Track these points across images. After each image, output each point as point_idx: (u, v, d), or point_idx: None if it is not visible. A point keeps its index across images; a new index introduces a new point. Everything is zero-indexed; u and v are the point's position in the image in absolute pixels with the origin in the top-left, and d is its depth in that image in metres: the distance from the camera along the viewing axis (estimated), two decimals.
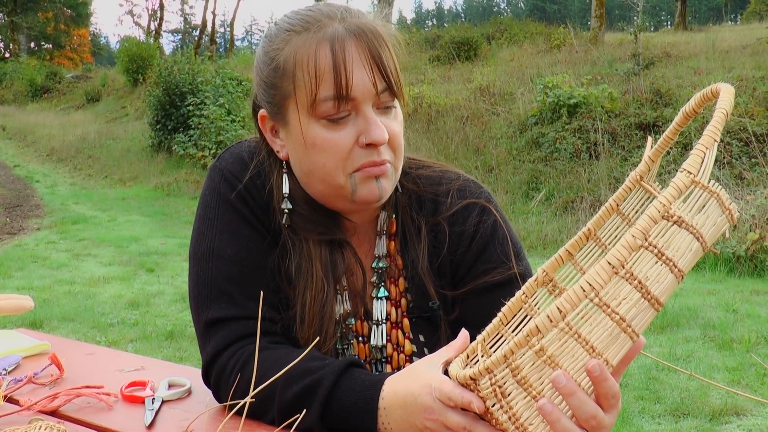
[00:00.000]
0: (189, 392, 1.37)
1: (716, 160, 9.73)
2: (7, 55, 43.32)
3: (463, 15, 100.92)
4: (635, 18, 16.52)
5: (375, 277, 1.37)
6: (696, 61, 14.28)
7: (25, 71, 33.13)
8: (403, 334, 1.35)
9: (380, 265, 1.37)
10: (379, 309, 1.35)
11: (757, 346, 4.99)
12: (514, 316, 1.13)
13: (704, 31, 21.31)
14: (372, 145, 1.23)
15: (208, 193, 1.36)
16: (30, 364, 1.53)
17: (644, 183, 1.14)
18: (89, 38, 56.92)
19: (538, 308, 1.14)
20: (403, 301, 1.36)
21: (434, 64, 18.99)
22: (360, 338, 1.36)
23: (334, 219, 1.36)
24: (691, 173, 0.89)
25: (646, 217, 0.87)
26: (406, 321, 1.36)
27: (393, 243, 1.38)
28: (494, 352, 1.13)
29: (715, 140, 0.89)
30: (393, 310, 1.36)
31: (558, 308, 0.86)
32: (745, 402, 4.02)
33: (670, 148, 10.43)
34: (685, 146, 10.16)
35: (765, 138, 9.99)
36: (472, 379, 0.93)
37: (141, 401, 1.31)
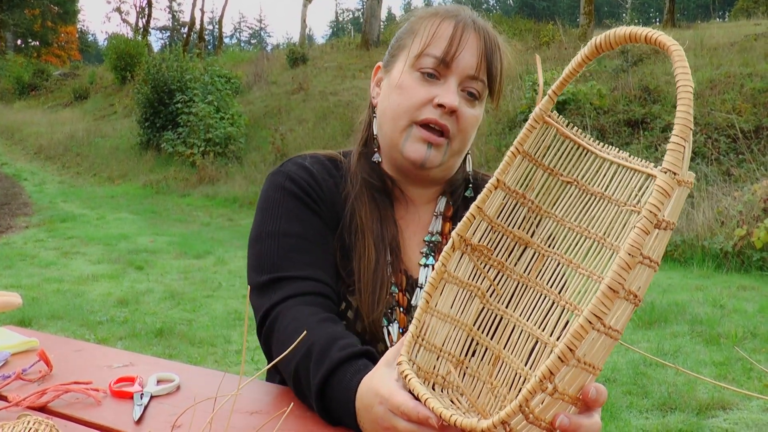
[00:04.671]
0: (178, 387, 1.37)
1: (704, 157, 9.80)
2: None
3: None
4: (624, 15, 16.57)
5: (426, 249, 1.49)
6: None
7: (12, 69, 32.90)
8: None
9: (432, 239, 1.50)
10: (425, 275, 1.46)
11: (743, 341, 5.02)
12: (436, 289, 1.11)
13: (692, 28, 21.37)
14: (442, 107, 1.38)
15: (270, 190, 1.45)
16: (18, 360, 1.53)
17: (548, 119, 1.13)
18: (77, 35, 56.57)
19: (456, 274, 1.12)
20: None
21: None
22: (401, 309, 1.44)
23: (390, 185, 1.50)
24: (675, 174, 0.86)
25: (639, 231, 0.83)
26: None
27: (448, 225, 1.52)
28: (426, 334, 1.10)
29: (690, 128, 0.86)
30: None
31: (569, 347, 0.84)
32: (731, 396, 4.05)
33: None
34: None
35: (752, 134, 10.05)
36: None
37: (129, 397, 1.31)
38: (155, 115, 17.34)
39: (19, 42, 49.10)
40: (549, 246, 1.13)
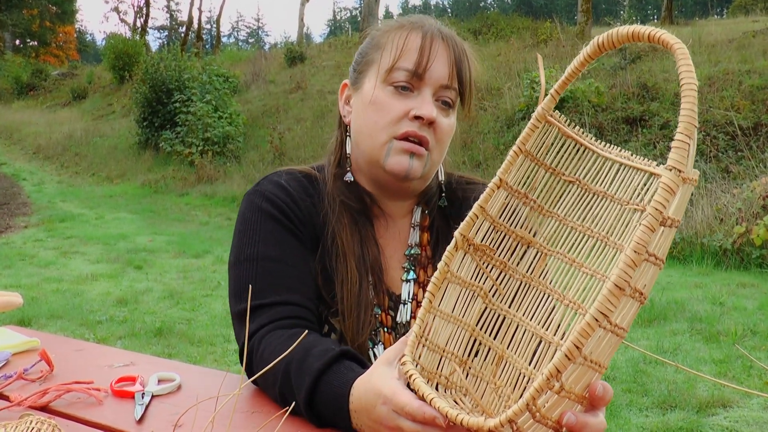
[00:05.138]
0: (179, 387, 1.37)
1: (702, 154, 9.79)
2: None
3: (449, 10, 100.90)
4: (622, 12, 16.56)
5: (406, 263, 1.49)
6: None
7: (11, 69, 32.88)
8: None
9: (412, 252, 1.50)
10: (407, 290, 1.46)
11: (743, 339, 5.02)
12: (439, 289, 1.11)
13: (690, 25, 21.37)
14: (420, 119, 1.38)
15: (248, 211, 1.44)
16: (20, 360, 1.53)
17: (550, 118, 1.12)
18: (75, 35, 56.54)
19: (459, 274, 1.12)
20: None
21: None
22: (386, 329, 1.44)
23: (368, 203, 1.49)
24: (680, 171, 0.85)
25: (645, 228, 0.83)
26: None
27: (426, 235, 1.52)
28: (429, 333, 1.09)
29: (695, 126, 0.86)
30: (420, 291, 1.46)
31: (575, 345, 0.84)
32: (731, 394, 4.05)
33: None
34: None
35: (751, 131, 10.05)
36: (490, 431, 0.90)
37: (131, 396, 1.31)
38: (153, 115, 17.33)
39: (17, 42, 49.06)
40: (552, 245, 1.13)
